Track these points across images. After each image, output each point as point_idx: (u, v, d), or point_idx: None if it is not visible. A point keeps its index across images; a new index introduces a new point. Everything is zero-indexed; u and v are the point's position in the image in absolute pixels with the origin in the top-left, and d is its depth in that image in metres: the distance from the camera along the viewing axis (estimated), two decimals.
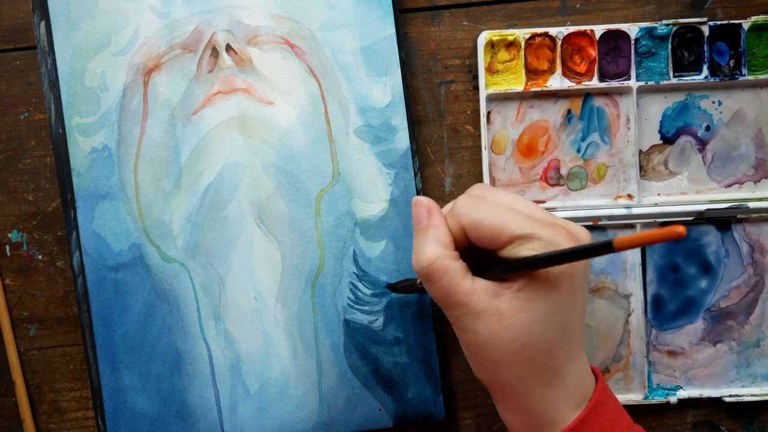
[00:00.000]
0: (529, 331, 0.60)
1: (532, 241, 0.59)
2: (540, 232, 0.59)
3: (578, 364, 0.63)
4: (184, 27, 0.77)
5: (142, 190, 0.76)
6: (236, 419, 0.77)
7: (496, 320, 0.60)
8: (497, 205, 0.62)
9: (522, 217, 0.60)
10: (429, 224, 0.64)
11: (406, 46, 0.80)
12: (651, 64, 0.79)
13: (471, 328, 0.62)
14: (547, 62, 0.79)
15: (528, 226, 0.59)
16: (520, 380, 0.62)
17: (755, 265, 0.80)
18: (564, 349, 0.62)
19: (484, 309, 0.60)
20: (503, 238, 0.60)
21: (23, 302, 0.80)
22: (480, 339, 0.61)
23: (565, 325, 0.61)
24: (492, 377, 0.64)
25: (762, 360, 0.80)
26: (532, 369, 0.61)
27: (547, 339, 0.60)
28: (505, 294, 0.60)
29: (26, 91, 0.79)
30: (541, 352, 0.61)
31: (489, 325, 0.60)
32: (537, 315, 0.60)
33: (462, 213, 0.62)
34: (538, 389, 0.62)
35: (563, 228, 0.60)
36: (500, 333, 0.60)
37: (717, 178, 0.80)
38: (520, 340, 0.60)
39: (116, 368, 0.76)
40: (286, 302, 0.77)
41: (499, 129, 0.79)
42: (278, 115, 0.77)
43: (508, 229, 0.60)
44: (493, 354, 0.61)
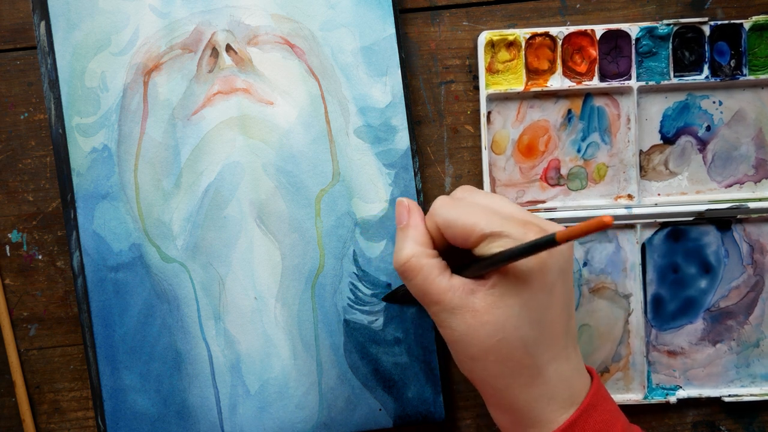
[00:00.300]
0: (503, 327, 0.61)
1: (501, 238, 0.60)
2: (509, 230, 0.60)
3: (562, 363, 0.64)
4: (184, 27, 0.77)
5: (142, 190, 0.76)
6: (236, 419, 0.77)
7: (471, 316, 0.61)
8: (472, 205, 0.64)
9: (494, 216, 0.62)
10: (408, 224, 0.66)
11: (406, 46, 0.80)
12: (651, 64, 0.79)
13: (447, 324, 0.63)
14: (547, 62, 0.79)
15: (498, 224, 0.61)
16: (497, 378, 0.63)
17: (755, 265, 0.80)
18: (542, 347, 0.62)
19: (460, 306, 0.62)
20: (474, 236, 0.62)
21: (23, 302, 0.80)
22: (456, 335, 0.63)
23: (541, 322, 0.62)
24: (470, 373, 0.65)
25: (761, 360, 0.80)
26: (509, 366, 0.62)
27: (522, 336, 0.61)
28: (480, 291, 0.62)
29: (26, 91, 0.79)
30: (517, 350, 0.62)
31: (464, 322, 0.62)
32: (511, 311, 0.61)
33: (437, 213, 0.65)
34: (516, 387, 0.63)
35: (536, 225, 0.62)
36: (475, 329, 0.61)
37: (717, 178, 0.80)
38: (495, 336, 0.61)
39: (116, 368, 0.76)
40: (286, 302, 0.77)
41: (500, 129, 0.79)
42: (278, 115, 0.77)
43: (479, 227, 0.61)
44: (469, 350, 0.63)
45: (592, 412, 0.63)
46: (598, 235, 0.80)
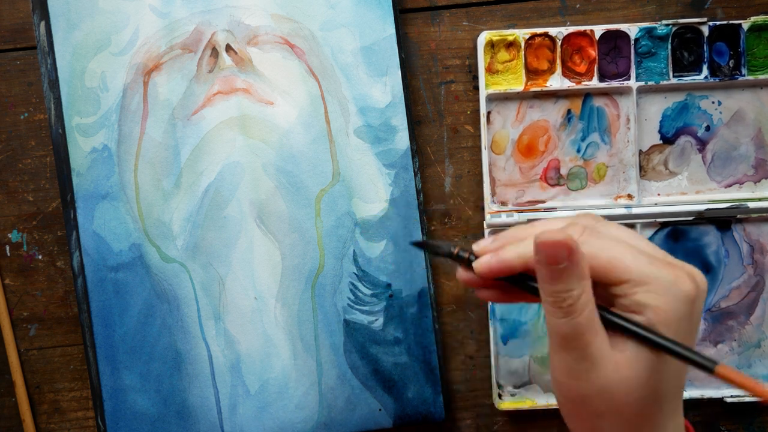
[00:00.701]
0: (645, 384, 0.55)
1: (648, 282, 0.54)
2: (659, 273, 0.54)
3: (679, 415, 0.59)
4: (184, 27, 0.77)
5: (142, 190, 0.76)
6: (236, 419, 0.77)
7: (612, 370, 0.54)
8: (612, 238, 0.56)
9: (641, 255, 0.55)
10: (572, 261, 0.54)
11: (406, 46, 0.80)
12: (651, 64, 0.79)
13: (585, 376, 0.55)
14: (547, 62, 0.79)
15: (646, 263, 0.54)
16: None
17: (755, 265, 0.80)
18: (670, 401, 0.57)
19: (605, 357, 0.55)
20: (617, 273, 0.55)
21: (23, 302, 0.80)
22: (591, 388, 0.55)
23: (677, 375, 0.57)
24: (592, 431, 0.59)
25: (763, 360, 0.80)
26: (638, 423, 0.56)
27: (661, 392, 0.56)
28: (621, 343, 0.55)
29: (26, 91, 0.79)
30: (653, 407, 0.56)
31: (605, 374, 0.54)
32: (654, 365, 0.54)
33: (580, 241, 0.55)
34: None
35: (682, 270, 0.55)
36: (614, 384, 0.55)
37: (717, 178, 0.80)
38: (635, 394, 0.55)
39: (116, 368, 0.76)
40: (286, 302, 0.77)
41: (499, 129, 0.79)
42: (278, 115, 0.77)
43: (625, 264, 0.54)
44: (600, 406, 0.56)
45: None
46: None
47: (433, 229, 0.80)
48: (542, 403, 0.80)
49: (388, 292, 0.77)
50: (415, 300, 0.77)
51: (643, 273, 0.54)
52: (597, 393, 0.55)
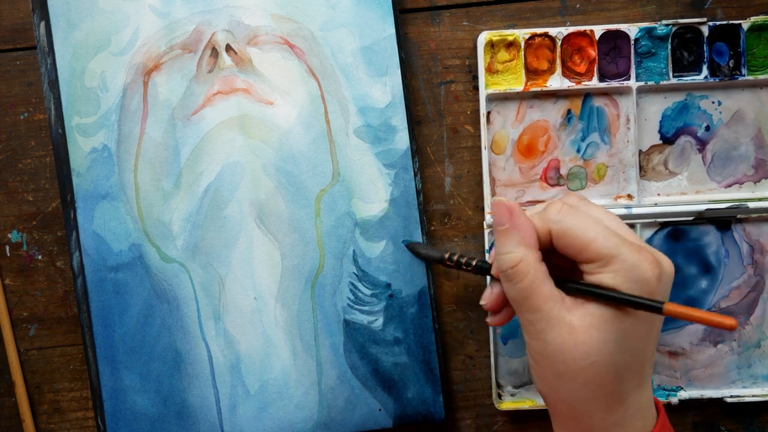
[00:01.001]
0: (599, 351, 0.58)
1: (614, 262, 0.58)
2: (625, 255, 0.58)
3: (643, 392, 0.62)
4: (184, 27, 0.77)
5: (142, 191, 0.76)
6: (236, 419, 0.77)
7: (567, 333, 0.59)
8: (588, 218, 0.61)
9: (611, 236, 0.59)
10: (512, 225, 0.62)
11: (406, 46, 0.80)
12: (651, 64, 0.79)
13: (542, 336, 0.60)
14: (546, 62, 0.79)
15: (614, 245, 0.59)
16: (581, 400, 0.61)
17: (755, 265, 0.80)
18: (631, 375, 0.60)
19: (558, 318, 0.60)
20: (587, 252, 0.59)
21: (23, 302, 0.80)
22: (549, 349, 0.60)
23: (637, 351, 0.60)
24: (553, 392, 0.62)
25: (763, 360, 0.80)
26: (595, 390, 0.60)
27: (616, 362, 0.59)
28: (579, 309, 0.60)
29: (26, 91, 0.79)
30: (608, 375, 0.59)
31: (560, 336, 0.59)
32: (609, 336, 0.58)
33: (554, 218, 0.62)
34: (597, 413, 0.61)
35: (649, 253, 0.59)
36: (569, 347, 0.59)
37: (717, 178, 0.80)
38: (588, 359, 0.59)
39: (116, 368, 0.76)
40: (286, 302, 0.77)
41: (499, 129, 0.79)
42: (278, 115, 0.77)
43: (595, 244, 0.59)
44: (559, 367, 0.60)
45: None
46: None
47: (433, 229, 0.80)
48: (542, 403, 0.80)
49: (388, 292, 0.77)
50: (415, 300, 0.77)
51: (610, 254, 0.58)
52: (555, 353, 0.60)
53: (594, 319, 0.59)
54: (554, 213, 0.62)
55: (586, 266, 0.60)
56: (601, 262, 0.59)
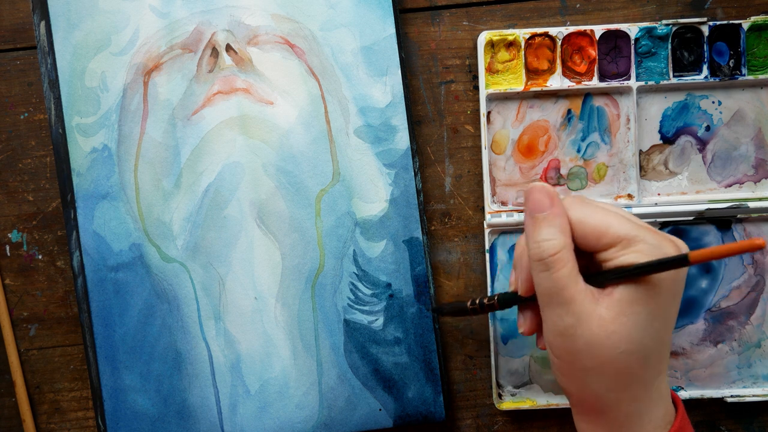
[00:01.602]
0: (630, 338, 0.58)
1: (635, 243, 0.58)
2: (644, 236, 0.58)
3: (663, 379, 0.62)
4: (184, 27, 0.77)
5: (142, 190, 0.76)
6: (236, 419, 0.77)
7: (597, 325, 0.58)
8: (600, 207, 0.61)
9: (626, 220, 0.59)
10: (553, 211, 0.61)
11: (406, 46, 0.80)
12: (651, 64, 0.79)
13: (571, 331, 0.59)
14: (547, 62, 0.79)
15: (632, 227, 0.59)
16: (610, 391, 0.60)
17: (756, 265, 0.80)
18: (656, 359, 0.60)
19: (589, 312, 0.59)
20: (607, 238, 0.59)
21: (23, 302, 0.80)
22: (578, 344, 0.59)
23: (662, 332, 0.60)
24: (581, 388, 0.62)
25: (763, 360, 0.80)
26: (624, 379, 0.60)
27: (645, 347, 0.59)
28: (605, 299, 0.59)
29: (26, 91, 0.79)
30: (637, 361, 0.59)
31: (589, 329, 0.58)
32: (638, 320, 0.58)
33: (570, 208, 0.61)
34: (624, 402, 0.60)
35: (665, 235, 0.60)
36: (600, 339, 0.58)
37: (717, 178, 0.80)
38: (619, 348, 0.58)
39: (116, 368, 0.76)
40: (286, 302, 0.77)
41: (499, 129, 0.79)
42: (278, 115, 0.77)
43: (613, 229, 0.59)
44: (587, 362, 0.60)
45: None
46: None
47: (433, 229, 0.80)
48: (542, 403, 0.80)
49: (389, 292, 0.77)
50: (415, 300, 0.77)
51: (629, 235, 0.58)
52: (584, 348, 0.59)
53: (622, 305, 0.58)
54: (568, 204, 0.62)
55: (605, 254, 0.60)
56: (622, 244, 0.59)
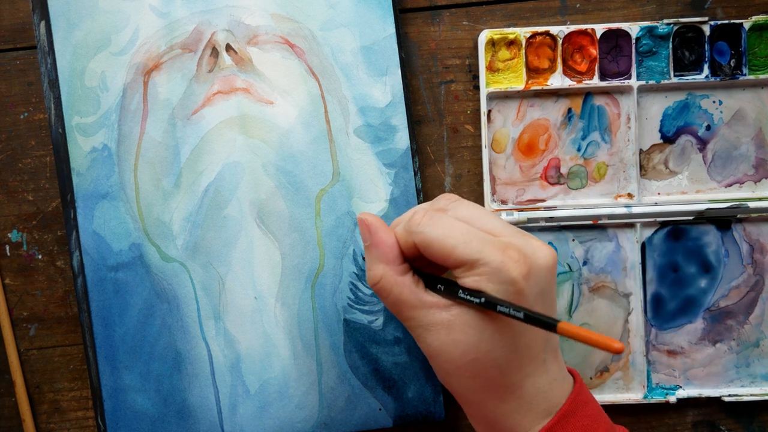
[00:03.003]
0: (477, 348, 0.60)
1: (477, 266, 0.59)
2: (487, 257, 0.59)
3: (539, 377, 0.62)
4: (184, 27, 0.77)
5: (142, 190, 0.76)
6: (236, 419, 0.77)
7: (445, 333, 0.61)
8: (452, 224, 0.61)
9: (473, 240, 0.60)
10: (372, 243, 0.64)
11: (406, 45, 0.80)
12: (652, 63, 0.79)
13: (422, 339, 0.62)
14: (547, 61, 0.79)
15: (476, 250, 0.59)
16: (471, 392, 0.62)
17: (755, 264, 0.80)
18: (516, 366, 0.61)
19: (433, 322, 0.61)
20: (451, 260, 0.60)
21: (23, 302, 0.80)
22: (431, 350, 0.62)
23: (516, 345, 0.60)
24: (448, 385, 0.64)
25: (761, 360, 0.80)
26: (482, 383, 0.61)
27: (495, 358, 0.60)
28: (455, 308, 0.61)
29: (26, 91, 0.79)
30: (490, 370, 0.60)
31: (438, 338, 0.61)
32: (484, 334, 0.60)
33: (415, 230, 0.62)
34: (490, 401, 0.62)
35: (516, 251, 0.59)
36: (448, 347, 0.61)
37: (717, 177, 0.80)
38: (468, 356, 0.60)
39: (116, 368, 0.76)
40: (286, 302, 0.77)
41: (500, 127, 0.79)
42: (278, 115, 0.77)
43: (456, 252, 0.59)
44: (443, 366, 0.62)
45: (570, 419, 0.62)
46: (597, 234, 0.80)
47: None
48: None
49: None
50: None
51: (471, 258, 0.59)
52: (438, 353, 0.62)
53: (469, 317, 0.60)
54: (415, 224, 0.62)
55: (455, 272, 0.61)
56: (465, 267, 0.60)
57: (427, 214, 0.63)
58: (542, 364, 0.63)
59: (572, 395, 0.63)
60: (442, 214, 0.63)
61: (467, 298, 0.59)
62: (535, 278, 0.60)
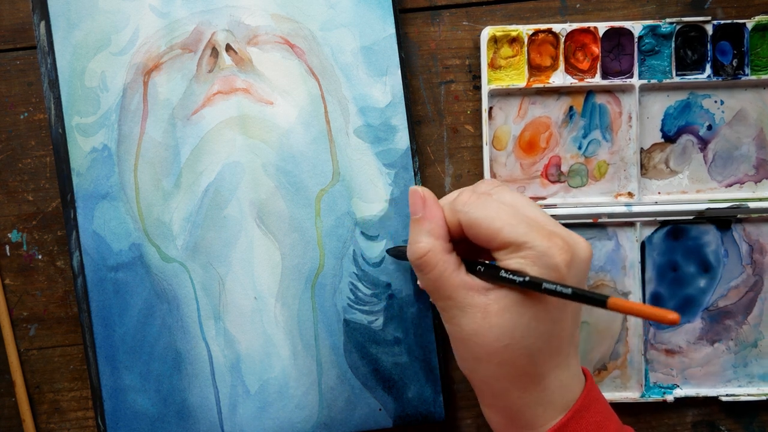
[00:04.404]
0: (512, 334, 0.60)
1: (523, 249, 0.59)
2: (533, 242, 0.59)
3: (563, 371, 0.63)
4: (184, 27, 0.76)
5: (141, 190, 0.76)
6: (236, 419, 0.77)
7: (481, 317, 0.60)
8: (499, 206, 0.62)
9: (520, 223, 0.60)
10: (424, 216, 0.64)
11: (406, 46, 0.79)
12: (654, 62, 0.79)
13: (456, 321, 0.62)
14: (549, 59, 0.79)
15: (523, 233, 0.59)
16: (497, 380, 0.62)
17: (754, 265, 0.80)
18: (546, 357, 0.62)
19: (471, 304, 0.61)
20: (497, 241, 0.60)
21: (23, 302, 0.80)
22: (464, 334, 0.62)
23: (550, 334, 0.61)
24: (472, 372, 0.64)
25: (759, 360, 0.80)
26: (510, 371, 0.61)
27: (528, 345, 0.60)
28: (494, 292, 0.61)
29: (26, 91, 0.79)
30: (521, 357, 0.61)
31: (474, 321, 0.61)
32: (521, 320, 0.60)
33: (462, 210, 0.63)
34: (514, 391, 0.62)
35: (561, 239, 0.60)
36: (483, 330, 0.60)
37: (718, 177, 0.80)
38: (502, 341, 0.60)
39: (116, 368, 0.77)
40: (286, 302, 0.77)
41: (501, 125, 0.79)
42: (278, 115, 0.77)
43: (503, 233, 0.60)
44: (474, 350, 0.62)
45: (584, 414, 0.62)
46: (597, 232, 0.80)
47: None
48: None
49: (388, 292, 0.77)
50: (415, 300, 0.77)
51: (517, 241, 0.59)
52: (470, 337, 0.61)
53: (508, 302, 0.60)
54: (462, 204, 0.63)
55: (496, 254, 0.61)
56: (510, 248, 0.60)
57: (474, 195, 0.63)
58: (566, 359, 0.63)
59: (585, 391, 0.64)
60: (488, 197, 0.63)
61: (510, 278, 0.59)
62: (575, 268, 0.60)
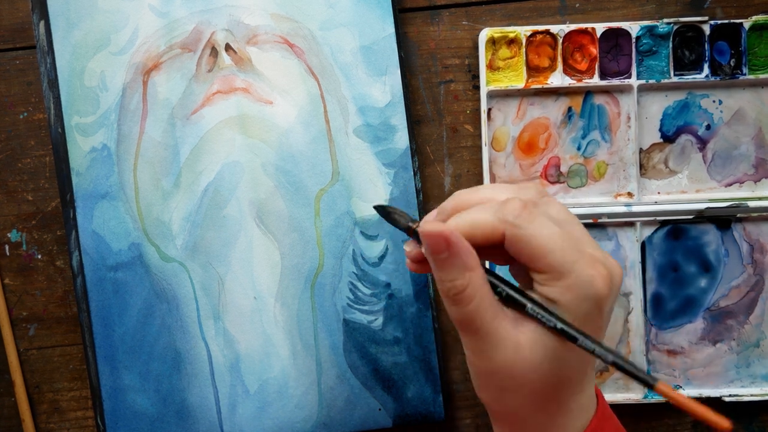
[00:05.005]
0: (541, 366, 0.57)
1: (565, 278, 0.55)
2: (579, 271, 0.55)
3: (582, 394, 0.61)
4: (184, 26, 0.76)
5: (141, 190, 0.76)
6: (236, 419, 0.77)
7: (513, 350, 0.57)
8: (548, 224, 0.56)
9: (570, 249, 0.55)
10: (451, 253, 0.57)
11: (405, 45, 0.79)
12: (652, 62, 0.79)
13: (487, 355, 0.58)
14: (548, 60, 0.79)
15: (571, 261, 0.54)
16: (522, 408, 0.60)
17: (755, 264, 0.80)
18: (574, 383, 0.60)
19: (504, 338, 0.57)
20: (540, 264, 0.55)
21: (23, 302, 0.80)
22: (493, 366, 0.58)
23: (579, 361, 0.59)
24: (495, 402, 0.61)
25: (762, 360, 0.80)
26: (537, 399, 0.59)
27: (559, 375, 0.58)
28: (525, 326, 0.57)
29: (26, 91, 0.79)
30: (553, 386, 0.59)
31: (506, 354, 0.57)
32: (554, 354, 0.57)
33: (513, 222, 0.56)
34: (539, 418, 0.60)
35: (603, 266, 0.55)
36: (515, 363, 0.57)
37: (717, 177, 0.80)
38: (534, 374, 0.57)
39: (116, 368, 0.76)
40: (286, 302, 0.77)
41: (500, 126, 0.79)
42: (277, 115, 0.77)
43: (550, 258, 0.55)
44: (502, 382, 0.59)
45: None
46: (597, 233, 0.80)
47: None
48: None
49: (388, 292, 0.77)
50: (415, 299, 0.77)
51: (563, 268, 0.54)
52: (499, 370, 0.57)
53: (540, 335, 0.56)
54: (512, 215, 0.56)
55: (537, 276, 0.56)
56: (552, 274, 0.55)
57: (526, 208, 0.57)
58: (588, 382, 0.62)
59: (599, 410, 0.62)
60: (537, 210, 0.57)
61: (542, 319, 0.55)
62: (613, 297, 0.57)
